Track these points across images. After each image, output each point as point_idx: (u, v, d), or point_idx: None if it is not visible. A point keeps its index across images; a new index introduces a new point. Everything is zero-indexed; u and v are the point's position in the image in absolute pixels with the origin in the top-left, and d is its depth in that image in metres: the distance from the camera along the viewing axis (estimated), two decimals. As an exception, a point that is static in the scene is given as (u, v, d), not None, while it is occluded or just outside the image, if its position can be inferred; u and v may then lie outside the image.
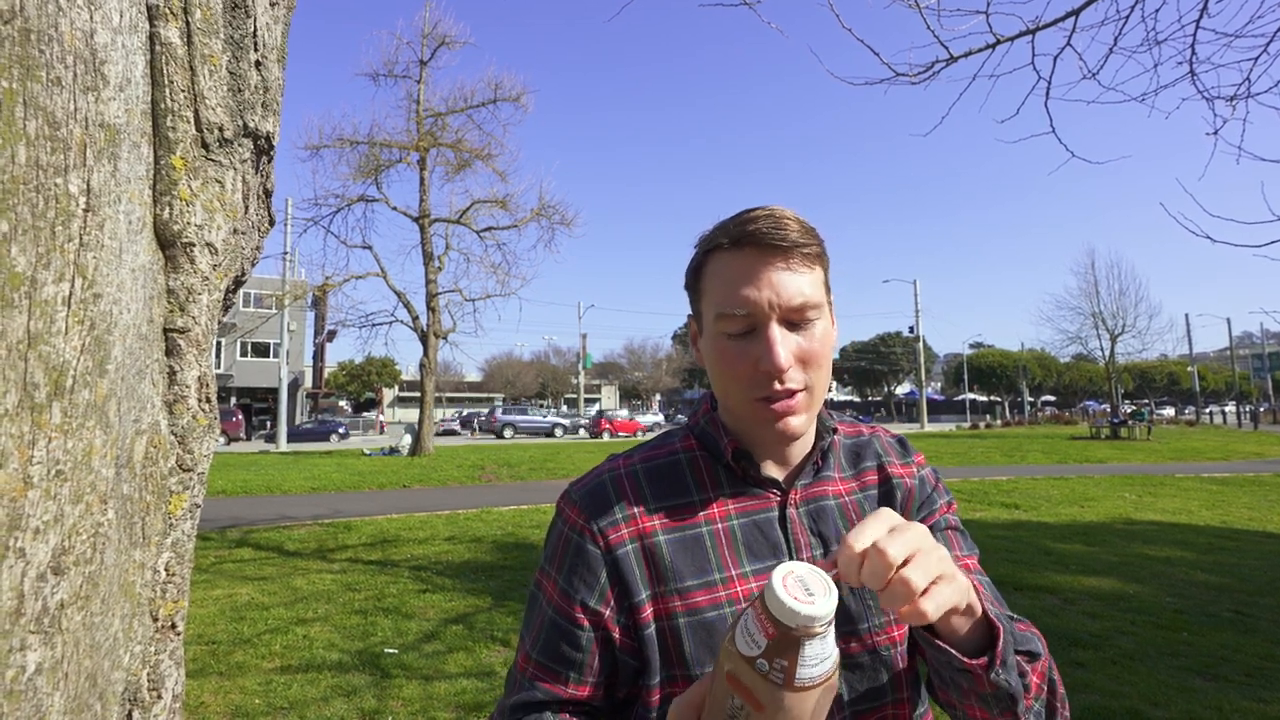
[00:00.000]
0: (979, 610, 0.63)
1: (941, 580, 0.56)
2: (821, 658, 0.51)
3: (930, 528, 0.83)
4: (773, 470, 0.81)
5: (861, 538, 0.55)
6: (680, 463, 0.83)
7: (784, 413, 0.73)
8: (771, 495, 0.80)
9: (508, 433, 35.63)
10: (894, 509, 0.79)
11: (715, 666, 0.55)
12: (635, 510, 0.78)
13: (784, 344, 0.72)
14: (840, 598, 0.63)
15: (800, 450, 0.82)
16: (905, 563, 0.54)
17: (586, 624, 0.75)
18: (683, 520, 0.78)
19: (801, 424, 0.75)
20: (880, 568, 0.53)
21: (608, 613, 0.75)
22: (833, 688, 0.53)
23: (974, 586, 0.64)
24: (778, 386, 0.72)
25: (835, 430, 0.86)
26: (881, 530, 0.56)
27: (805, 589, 0.51)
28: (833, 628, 0.52)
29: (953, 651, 0.62)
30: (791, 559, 0.77)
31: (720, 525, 0.78)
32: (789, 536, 0.78)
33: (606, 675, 0.76)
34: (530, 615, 0.81)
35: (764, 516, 0.79)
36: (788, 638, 0.49)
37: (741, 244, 0.73)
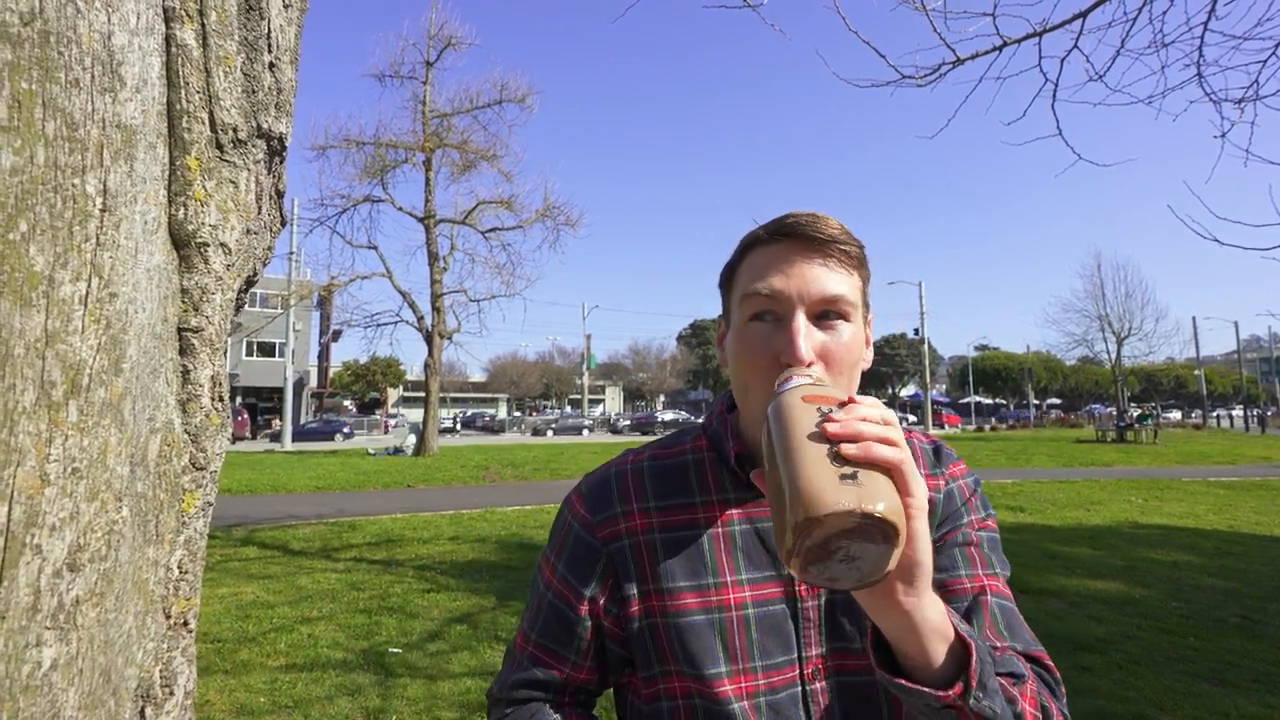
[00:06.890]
0: (950, 633, 0.58)
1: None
2: None
3: (944, 544, 0.77)
4: None
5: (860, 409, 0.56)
6: (688, 464, 0.82)
7: None
8: None
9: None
10: None
11: (778, 415, 0.58)
12: (634, 507, 0.79)
13: (808, 337, 0.68)
14: (837, 616, 0.75)
15: None
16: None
17: (583, 611, 0.78)
18: (682, 521, 0.77)
19: None
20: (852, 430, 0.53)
21: (602, 601, 0.78)
22: None
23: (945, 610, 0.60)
24: None
25: None
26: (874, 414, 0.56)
27: None
28: None
29: (925, 690, 0.57)
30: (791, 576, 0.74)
31: (720, 530, 0.77)
32: None
33: (599, 660, 0.80)
34: (531, 598, 0.84)
35: (765, 525, 0.77)
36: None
37: (778, 236, 0.72)
